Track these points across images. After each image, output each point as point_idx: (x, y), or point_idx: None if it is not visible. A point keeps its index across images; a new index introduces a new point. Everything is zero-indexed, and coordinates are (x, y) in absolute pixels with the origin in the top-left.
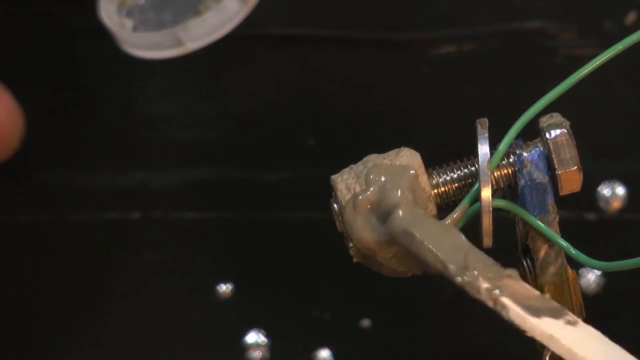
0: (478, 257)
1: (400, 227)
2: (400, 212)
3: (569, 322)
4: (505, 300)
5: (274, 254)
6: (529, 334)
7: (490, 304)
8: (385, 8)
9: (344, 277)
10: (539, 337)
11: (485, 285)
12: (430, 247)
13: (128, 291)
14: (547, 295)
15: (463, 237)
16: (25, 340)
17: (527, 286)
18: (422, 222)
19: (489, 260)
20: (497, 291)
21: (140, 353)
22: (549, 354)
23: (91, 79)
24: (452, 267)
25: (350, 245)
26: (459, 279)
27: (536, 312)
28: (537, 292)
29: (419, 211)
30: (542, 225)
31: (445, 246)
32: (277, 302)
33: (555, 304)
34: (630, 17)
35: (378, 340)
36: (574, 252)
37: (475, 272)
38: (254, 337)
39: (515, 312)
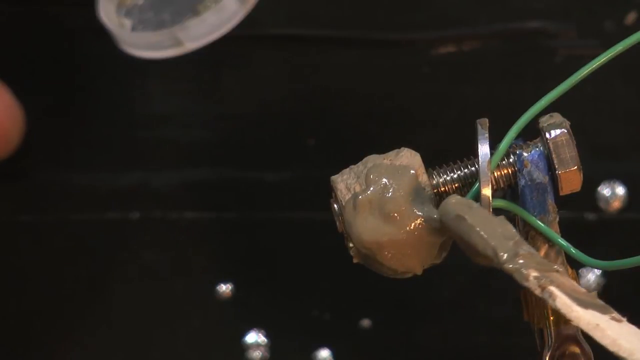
0: (528, 248)
1: (452, 212)
2: (454, 200)
3: (615, 319)
4: (554, 289)
5: (274, 254)
6: (573, 323)
7: (537, 291)
8: (385, 8)
9: (344, 277)
10: (584, 326)
11: (534, 273)
12: (482, 232)
13: (128, 291)
14: (594, 293)
15: (513, 228)
16: (25, 340)
17: (574, 283)
18: (473, 210)
19: (537, 254)
20: (545, 280)
21: (140, 353)
22: (549, 354)
23: (91, 78)
24: (502, 254)
25: (351, 245)
26: (509, 265)
27: (583, 303)
28: (583, 290)
29: (471, 202)
30: (542, 225)
31: (496, 233)
32: (277, 302)
33: (601, 302)
34: (630, 17)
35: (378, 340)
36: (574, 251)
37: (525, 261)
38: (254, 337)
39: (563, 301)
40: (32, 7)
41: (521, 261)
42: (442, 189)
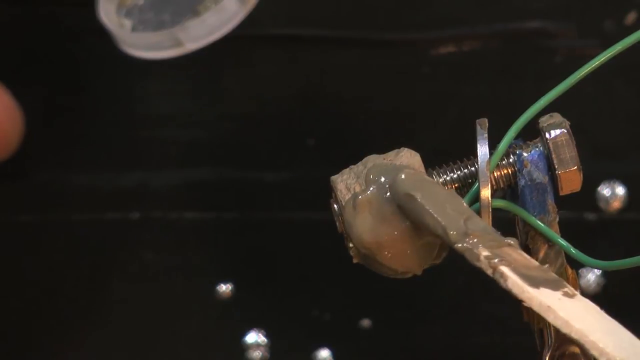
0: (479, 224)
1: (402, 190)
2: (403, 175)
3: (567, 294)
4: (504, 269)
5: (274, 254)
6: (526, 304)
7: (489, 272)
8: (385, 8)
9: (344, 277)
10: (536, 308)
11: (484, 252)
12: (431, 211)
13: (128, 291)
14: (546, 266)
15: (464, 202)
16: (25, 340)
17: (526, 256)
18: (424, 186)
19: (490, 228)
20: (496, 259)
21: (140, 353)
22: (549, 354)
23: (91, 79)
24: (452, 233)
25: (351, 245)
26: (459, 245)
27: (535, 282)
28: (535, 263)
29: (421, 175)
30: (542, 225)
31: (446, 211)
32: (277, 302)
33: (553, 275)
34: (630, 17)
35: (378, 340)
36: (573, 251)
37: (476, 240)
38: (254, 337)
39: (514, 282)
40: (32, 7)
41: (472, 240)
42: None
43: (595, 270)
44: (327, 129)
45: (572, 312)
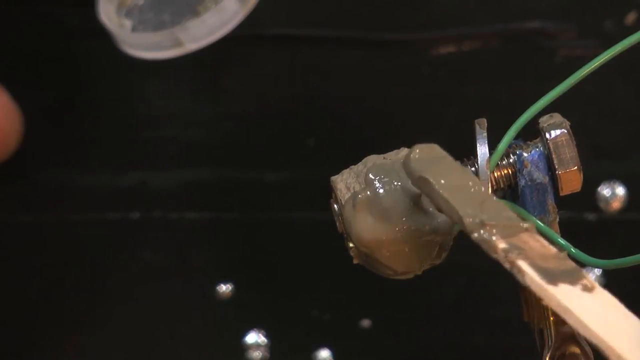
0: (495, 208)
1: (416, 172)
2: (417, 153)
3: (586, 288)
4: (522, 264)
5: (274, 254)
6: (544, 302)
7: (506, 266)
8: (385, 8)
9: (344, 277)
10: (554, 308)
11: (502, 245)
12: (446, 196)
13: (128, 291)
14: (564, 254)
15: (479, 183)
16: (25, 340)
17: (544, 242)
18: (438, 165)
19: (506, 212)
20: (514, 253)
21: (140, 353)
22: (549, 354)
23: (91, 79)
24: (468, 221)
25: (351, 245)
26: (475, 234)
27: (552, 277)
28: (553, 250)
29: (435, 151)
30: (542, 225)
31: (461, 196)
32: (277, 302)
33: (571, 264)
34: (630, 17)
35: (378, 340)
36: (573, 250)
37: (493, 230)
38: (254, 337)
39: (532, 278)
40: (32, 7)
41: (489, 230)
42: None
43: (596, 270)
44: (327, 129)
45: (590, 311)
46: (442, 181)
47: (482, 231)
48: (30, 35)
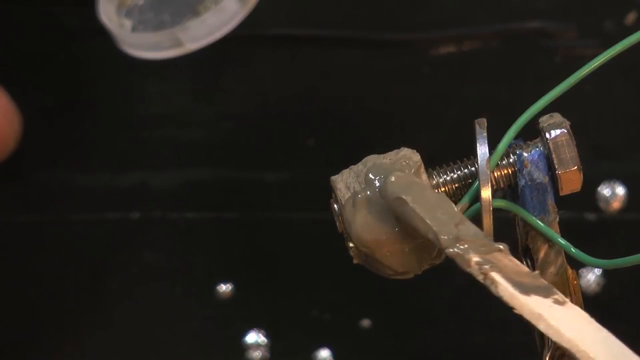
0: (470, 229)
1: (392, 194)
2: (393, 178)
3: (557, 302)
4: (495, 275)
5: (274, 254)
6: (517, 312)
7: (480, 278)
8: (385, 8)
9: (344, 277)
10: (527, 316)
11: (476, 258)
12: (422, 215)
13: (128, 291)
14: (537, 272)
15: (455, 207)
16: (25, 340)
17: (517, 262)
18: (415, 189)
19: (481, 233)
20: (487, 266)
21: (140, 353)
22: (549, 354)
23: (91, 79)
24: (444, 238)
25: (351, 245)
26: (450, 250)
27: (525, 289)
28: (526, 269)
29: (412, 178)
30: (542, 225)
31: (437, 215)
32: (277, 302)
33: (544, 282)
34: (630, 17)
35: (378, 340)
36: (574, 250)
37: (466, 245)
38: (254, 337)
39: (505, 289)
40: (32, 7)
41: (463, 246)
42: (442, 189)
43: (596, 270)
44: (327, 129)
45: (563, 320)
46: (419, 202)
47: (457, 246)
48: (30, 35)
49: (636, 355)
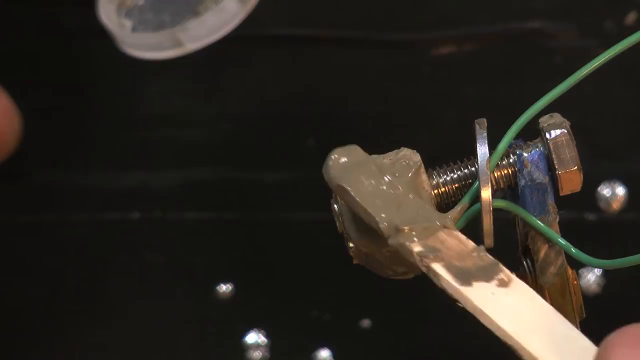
0: (413, 209)
1: (334, 181)
2: (330, 162)
3: (502, 283)
4: (436, 266)
5: (273, 254)
6: (460, 305)
7: (423, 269)
8: (385, 8)
9: (344, 277)
10: (470, 310)
11: (417, 248)
12: (363, 204)
13: (128, 291)
14: (481, 247)
15: (396, 186)
16: (25, 340)
17: (462, 237)
18: (353, 175)
19: (424, 211)
20: (430, 255)
21: (140, 353)
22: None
23: (91, 79)
24: (384, 226)
25: (351, 245)
26: (391, 240)
27: (467, 277)
28: (471, 245)
29: (354, 155)
30: (542, 225)
31: (376, 202)
32: (277, 302)
33: (488, 259)
34: (630, 17)
35: (378, 340)
36: (573, 250)
37: (408, 231)
38: (254, 337)
39: (447, 282)
40: (32, 7)
41: (405, 233)
42: (442, 189)
43: (596, 270)
44: (327, 129)
45: (505, 311)
46: (359, 188)
47: (397, 236)
48: (30, 35)
49: (580, 332)
